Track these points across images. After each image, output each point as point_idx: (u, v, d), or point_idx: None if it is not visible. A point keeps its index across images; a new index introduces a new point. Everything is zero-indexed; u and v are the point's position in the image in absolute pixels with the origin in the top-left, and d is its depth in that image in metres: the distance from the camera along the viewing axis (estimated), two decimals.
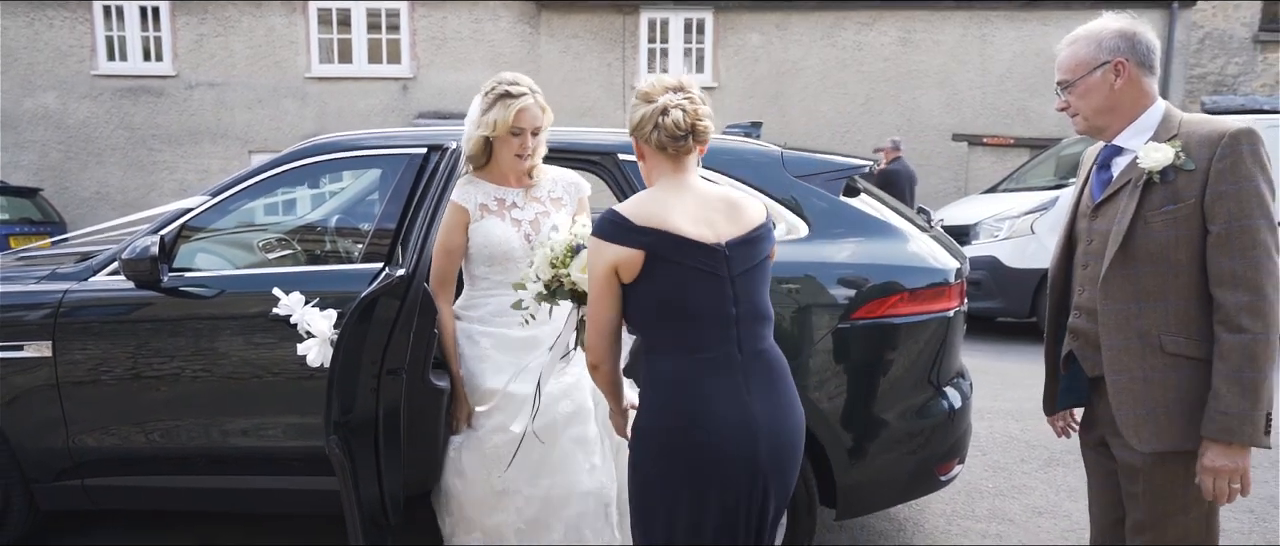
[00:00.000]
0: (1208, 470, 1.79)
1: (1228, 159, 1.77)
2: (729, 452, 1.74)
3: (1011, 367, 6.39)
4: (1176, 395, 1.83)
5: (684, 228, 1.74)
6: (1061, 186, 7.90)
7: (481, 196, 2.50)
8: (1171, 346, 1.84)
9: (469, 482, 2.45)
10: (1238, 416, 1.75)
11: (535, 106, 2.46)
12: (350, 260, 3.62)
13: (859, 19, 12.59)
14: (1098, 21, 1.96)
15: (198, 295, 2.99)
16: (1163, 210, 1.82)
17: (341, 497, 2.29)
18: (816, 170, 3.08)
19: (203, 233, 3.31)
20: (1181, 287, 1.83)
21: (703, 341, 1.75)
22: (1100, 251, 1.91)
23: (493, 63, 12.80)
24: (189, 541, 3.41)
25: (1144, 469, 1.88)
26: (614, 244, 1.73)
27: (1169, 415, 1.83)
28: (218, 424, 2.99)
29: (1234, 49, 12.95)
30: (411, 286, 2.26)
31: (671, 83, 1.81)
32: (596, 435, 2.47)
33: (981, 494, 3.88)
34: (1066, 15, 12.20)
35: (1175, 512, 1.87)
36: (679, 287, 1.73)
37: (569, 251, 2.04)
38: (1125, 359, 1.86)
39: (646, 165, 1.86)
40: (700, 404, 1.73)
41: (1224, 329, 1.78)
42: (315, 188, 4.16)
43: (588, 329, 1.85)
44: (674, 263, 1.73)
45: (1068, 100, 1.96)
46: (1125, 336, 1.86)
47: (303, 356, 2.32)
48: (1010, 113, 12.57)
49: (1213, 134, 1.81)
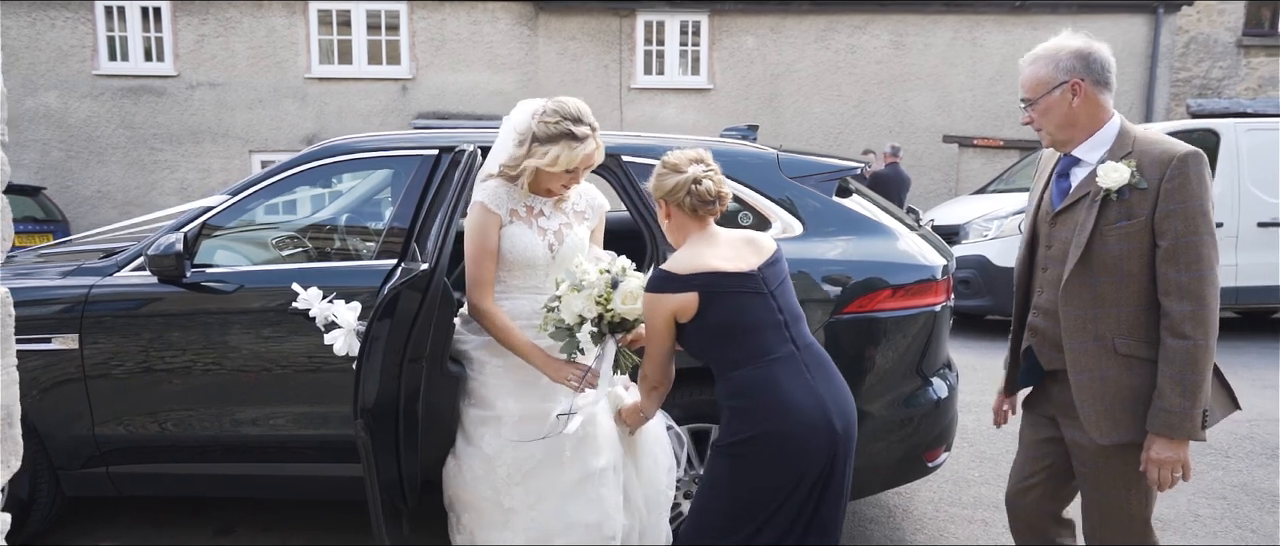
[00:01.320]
0: (1153, 461, 1.98)
1: (1176, 180, 1.92)
2: (813, 438, 2.06)
3: (993, 364, 6.49)
4: (1130, 393, 2.01)
5: (722, 265, 2.08)
6: None
7: (511, 202, 2.46)
8: (1124, 348, 2.02)
9: (477, 499, 2.44)
10: (1179, 414, 1.93)
11: (596, 150, 2.42)
12: (359, 257, 3.75)
13: (852, 22, 12.70)
14: (1056, 41, 2.07)
15: (219, 290, 3.10)
16: (1117, 225, 1.98)
17: (364, 478, 2.36)
18: (810, 172, 3.21)
19: (222, 230, 3.43)
20: (1133, 295, 2.00)
21: (768, 346, 2.08)
22: (1061, 257, 2.08)
23: (491, 64, 12.85)
24: (206, 528, 3.50)
25: (1096, 453, 2.07)
26: (670, 293, 2.08)
27: (1124, 410, 2.02)
28: (230, 413, 3.08)
29: (1218, 53, 13.08)
30: (433, 280, 2.36)
31: (693, 155, 2.16)
32: (607, 468, 2.43)
33: (969, 483, 4.00)
34: (1054, 19, 12.36)
35: (1119, 489, 2.08)
36: (734, 310, 2.08)
37: (609, 288, 2.21)
38: (1085, 359, 2.04)
39: (673, 224, 2.20)
40: (782, 400, 2.04)
41: (1170, 335, 1.95)
42: (327, 187, 4.27)
43: (648, 363, 2.20)
44: (724, 293, 2.07)
45: (1031, 116, 2.11)
46: (1084, 339, 2.04)
47: (329, 345, 2.45)
48: (1000, 115, 12.67)
49: (1164, 155, 1.96)
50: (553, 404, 2.38)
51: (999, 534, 3.51)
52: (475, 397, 2.47)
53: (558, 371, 2.34)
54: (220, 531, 3.46)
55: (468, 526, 2.48)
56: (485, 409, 2.44)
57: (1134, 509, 2.09)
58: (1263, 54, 13.00)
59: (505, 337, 2.39)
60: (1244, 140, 7.64)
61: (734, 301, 2.08)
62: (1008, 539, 3.44)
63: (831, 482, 2.12)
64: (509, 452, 2.38)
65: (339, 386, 2.93)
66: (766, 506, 2.09)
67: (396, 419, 2.43)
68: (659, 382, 2.24)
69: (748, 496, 2.09)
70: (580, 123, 2.39)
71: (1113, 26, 12.37)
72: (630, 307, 2.21)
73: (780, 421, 2.04)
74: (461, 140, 3.01)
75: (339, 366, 2.82)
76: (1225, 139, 7.66)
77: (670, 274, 2.10)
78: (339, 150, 3.37)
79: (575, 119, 2.39)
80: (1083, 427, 2.07)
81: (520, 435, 2.38)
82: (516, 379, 2.43)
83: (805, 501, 2.09)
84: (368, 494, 2.35)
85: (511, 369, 2.43)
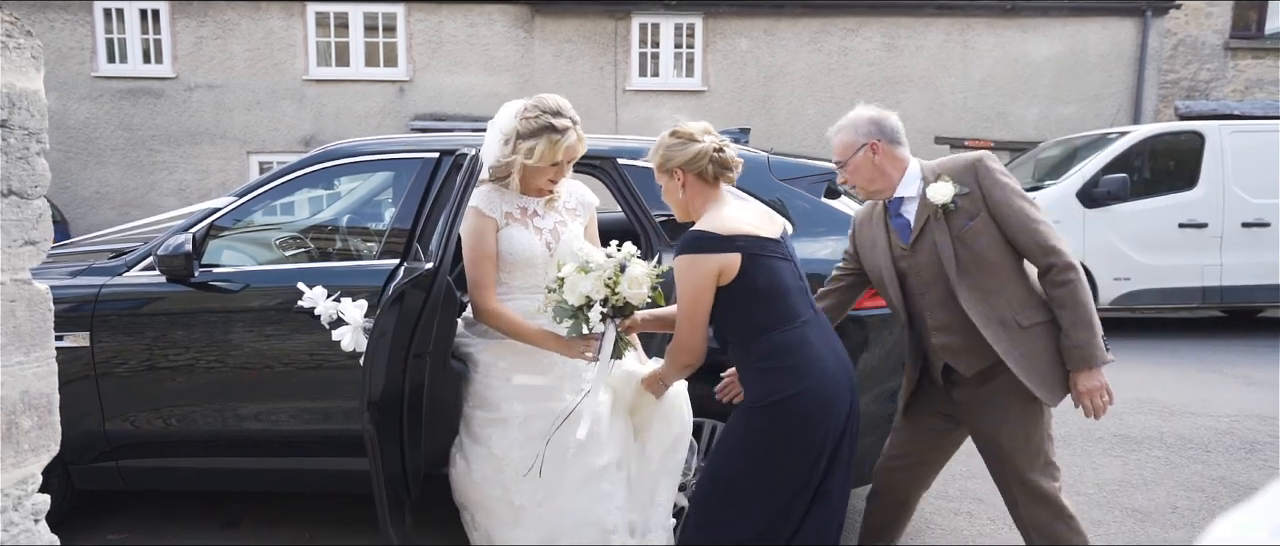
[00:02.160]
0: (1083, 393, 2.30)
1: (986, 176, 2.33)
2: (841, 394, 2.18)
3: None
4: (1053, 355, 2.33)
5: (759, 230, 2.18)
6: (1037, 188, 8.17)
7: (506, 205, 2.52)
8: (1026, 321, 2.34)
9: (488, 499, 2.48)
10: (1088, 346, 2.27)
11: (578, 142, 2.47)
12: (361, 257, 3.85)
13: (844, 25, 12.76)
14: (854, 112, 2.49)
15: (226, 289, 3.20)
16: (966, 227, 2.34)
17: (370, 470, 2.41)
18: (800, 174, 3.33)
19: (228, 231, 3.52)
20: (1006, 276, 2.35)
21: (798, 309, 2.20)
22: (936, 276, 2.38)
23: (488, 66, 12.92)
24: (213, 521, 3.58)
25: (1002, 435, 2.40)
26: (714, 253, 2.12)
27: (1053, 371, 2.34)
28: (234, 408, 3.16)
29: (1206, 56, 13.16)
30: (436, 279, 2.45)
31: (702, 126, 2.26)
32: (609, 465, 2.47)
33: (954, 477, 4.08)
34: (1045, 22, 12.48)
35: (1030, 441, 2.40)
36: (772, 276, 2.16)
37: (618, 270, 2.25)
38: (1006, 344, 2.33)
39: (688, 193, 2.25)
40: (814, 360, 2.16)
41: (1051, 287, 2.31)
42: (330, 190, 4.36)
43: (687, 331, 2.21)
44: (763, 256, 2.15)
45: (845, 176, 2.45)
46: (996, 328, 2.33)
47: (335, 342, 2.54)
48: (991, 117, 12.76)
49: (964, 164, 2.38)
50: (558, 403, 2.44)
51: (983, 525, 3.61)
52: (480, 399, 2.52)
53: (572, 349, 2.39)
54: (226, 524, 3.54)
55: (482, 525, 2.53)
56: (491, 411, 2.49)
57: (1043, 453, 2.42)
58: (1249, 56, 13.13)
59: (515, 331, 2.44)
60: (1228, 142, 7.77)
61: (771, 265, 2.17)
62: (991, 529, 3.57)
63: (843, 445, 2.21)
64: (516, 452, 2.43)
65: (341, 383, 3.03)
66: (798, 465, 2.15)
67: (401, 412, 2.50)
68: (693, 355, 2.24)
69: (782, 455, 2.15)
70: (560, 115, 2.45)
71: (1101, 29, 12.48)
72: (636, 292, 2.25)
73: (815, 379, 2.14)
74: (462, 143, 3.11)
75: (341, 363, 2.92)
76: (1210, 141, 7.79)
77: (712, 234, 2.13)
78: (342, 153, 3.47)
79: (555, 112, 2.45)
80: (990, 413, 2.41)
81: (526, 435, 2.43)
82: (521, 381, 2.48)
83: (827, 462, 2.18)
84: (373, 485, 2.41)
85: (516, 370, 2.49)
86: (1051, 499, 2.40)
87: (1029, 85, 12.71)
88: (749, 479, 2.20)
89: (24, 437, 1.36)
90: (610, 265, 2.26)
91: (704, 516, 2.27)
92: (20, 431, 1.35)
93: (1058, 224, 7.81)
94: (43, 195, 1.39)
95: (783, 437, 2.17)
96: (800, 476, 2.18)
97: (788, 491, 2.19)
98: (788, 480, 2.18)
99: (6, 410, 1.31)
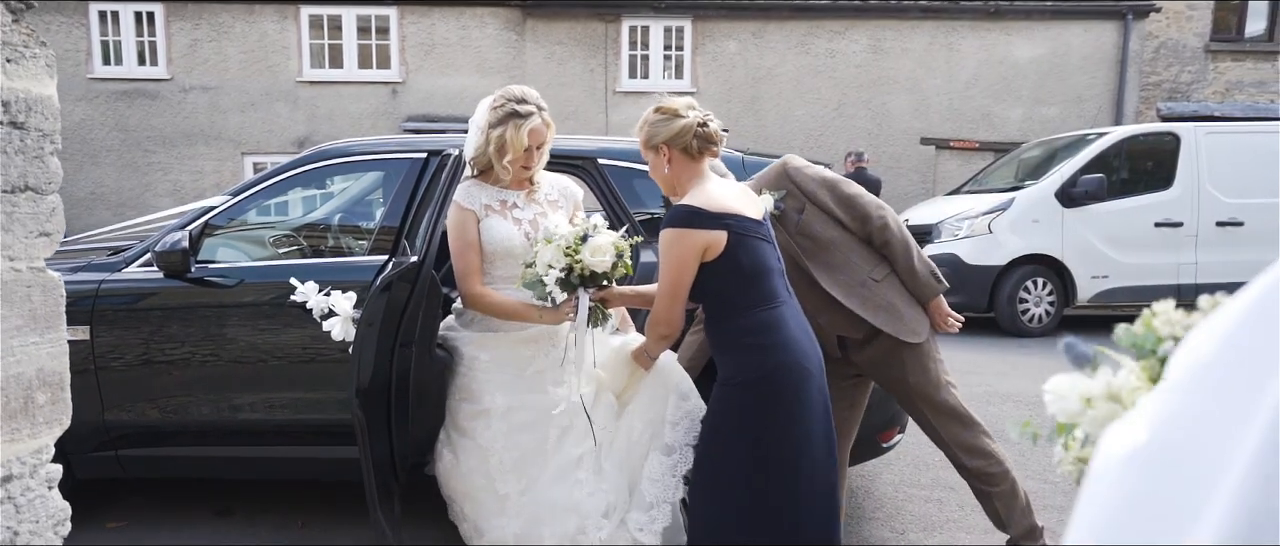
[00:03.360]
0: (939, 315, 2.78)
1: (795, 174, 2.74)
2: (806, 365, 2.27)
3: (966, 357, 6.69)
4: (904, 299, 2.74)
5: (744, 210, 2.24)
6: (1018, 188, 8.33)
7: (485, 198, 2.59)
8: (878, 275, 2.73)
9: (474, 489, 2.54)
10: (929, 275, 2.74)
11: (542, 125, 2.55)
12: (351, 254, 3.97)
13: (832, 28, 12.87)
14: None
15: (221, 285, 3.32)
16: (798, 221, 2.70)
17: (359, 456, 2.52)
18: None
19: (222, 229, 3.64)
20: (844, 245, 2.72)
21: (775, 290, 2.27)
22: (794, 269, 2.65)
23: (480, 68, 13.01)
24: (206, 508, 3.66)
25: (907, 376, 2.76)
26: (701, 229, 2.16)
27: (910, 312, 2.74)
28: (229, 399, 3.27)
29: (1187, 58, 13.32)
30: (422, 272, 2.57)
31: (685, 101, 2.31)
32: (585, 454, 2.52)
33: (927, 466, 4.21)
34: (1027, 25, 12.64)
35: (927, 372, 2.77)
36: (755, 257, 2.23)
37: (578, 240, 2.30)
38: (870, 305, 2.69)
39: (674, 169, 2.30)
40: (790, 338, 2.24)
41: (881, 246, 2.72)
42: (322, 189, 4.48)
43: (666, 303, 2.27)
44: (747, 237, 2.21)
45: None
46: (858, 293, 2.70)
47: (326, 334, 2.66)
48: (975, 118, 12.88)
49: (775, 171, 2.79)
50: (539, 395, 2.52)
51: (952, 511, 3.72)
52: (466, 392, 2.58)
53: (556, 316, 2.45)
54: (220, 513, 3.61)
55: (470, 515, 2.60)
56: (475, 403, 2.55)
57: (947, 378, 2.83)
58: (1229, 59, 13.32)
59: (500, 309, 2.52)
60: (1203, 142, 7.93)
61: (754, 245, 2.22)
62: (959, 515, 3.71)
63: (813, 407, 2.28)
64: (500, 443, 2.50)
65: (330, 375, 3.16)
66: (778, 440, 2.21)
67: (388, 399, 2.61)
68: (671, 326, 2.29)
69: (761, 430, 2.21)
70: (524, 102, 2.54)
71: (1084, 32, 12.64)
72: (599, 260, 2.29)
73: (791, 355, 2.21)
74: (448, 144, 3.24)
75: (332, 357, 3.04)
76: (1185, 141, 7.95)
77: (702, 210, 2.16)
78: (334, 153, 3.59)
79: (519, 100, 2.54)
80: (889, 363, 2.76)
81: (509, 425, 2.50)
82: (505, 374, 2.54)
83: (799, 423, 2.24)
84: (363, 471, 2.51)
85: (499, 365, 2.55)
86: (959, 410, 2.80)
87: (1013, 87, 12.85)
88: (731, 457, 2.25)
89: (39, 411, 1.49)
90: (572, 233, 2.32)
91: (694, 497, 2.34)
92: (36, 406, 1.48)
93: (1036, 223, 8.04)
94: (55, 191, 1.52)
95: (762, 413, 2.21)
96: (779, 451, 2.23)
97: (768, 467, 2.23)
98: (767, 455, 2.23)
99: (24, 386, 1.44)
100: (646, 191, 3.43)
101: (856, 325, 2.71)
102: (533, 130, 2.53)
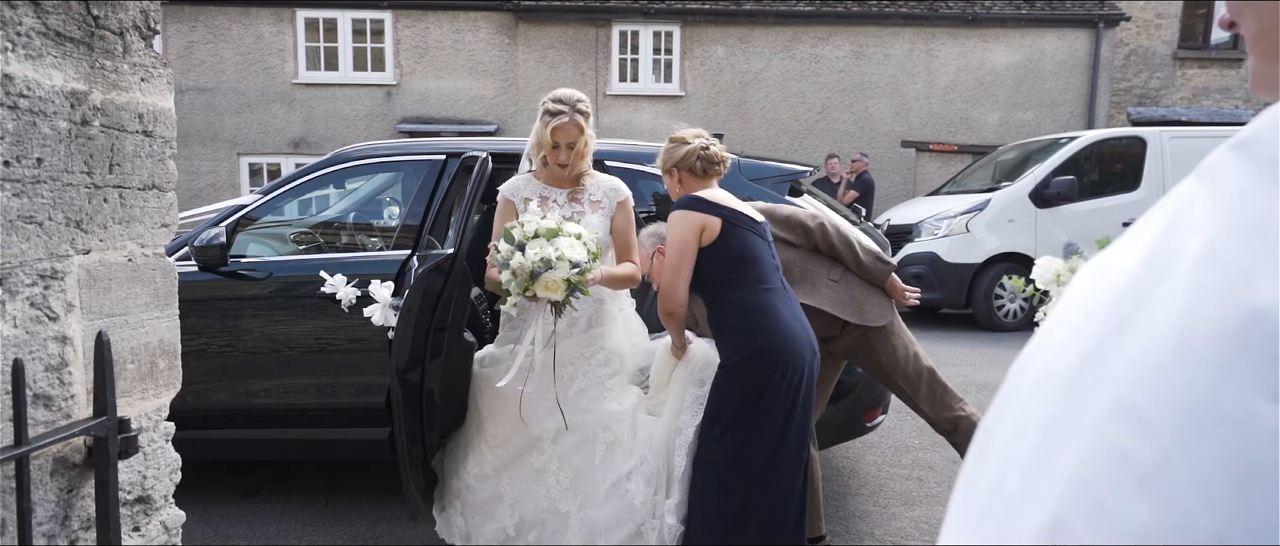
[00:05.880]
0: (898, 293, 3.04)
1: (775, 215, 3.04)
2: (799, 348, 2.50)
3: (945, 350, 7.01)
4: (863, 289, 3.00)
5: (742, 208, 2.56)
6: (995, 189, 8.67)
7: (528, 191, 2.72)
8: (835, 276, 2.96)
9: (540, 512, 2.66)
10: (876, 260, 2.98)
11: (570, 125, 2.63)
12: (375, 249, 4.22)
13: (816, 34, 13.10)
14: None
15: (253, 277, 3.56)
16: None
17: (396, 431, 2.76)
18: (767, 174, 3.69)
19: (251, 225, 3.89)
20: (803, 260, 2.96)
21: (766, 278, 2.54)
22: None
23: (473, 71, 13.19)
24: (235, 489, 3.89)
25: (879, 357, 3.01)
26: (700, 213, 2.48)
27: (871, 299, 3.01)
28: (243, 385, 3.48)
29: (1156, 64, 13.67)
30: (455, 263, 2.82)
31: (693, 131, 2.62)
32: (634, 468, 2.63)
33: (908, 448, 4.49)
34: (1003, 33, 12.97)
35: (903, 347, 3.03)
36: (746, 244, 2.52)
37: (528, 276, 2.34)
38: (839, 304, 2.93)
39: (683, 187, 2.62)
40: (776, 321, 2.50)
41: (827, 243, 2.97)
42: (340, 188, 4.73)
43: (670, 277, 2.49)
44: (741, 228, 2.52)
45: None
46: (827, 297, 2.91)
47: (367, 317, 2.92)
48: (954, 121, 13.15)
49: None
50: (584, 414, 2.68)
51: (932, 487, 3.97)
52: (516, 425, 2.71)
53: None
54: (247, 493, 3.83)
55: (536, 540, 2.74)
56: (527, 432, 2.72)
57: (914, 350, 3.08)
58: (1196, 66, 13.72)
59: None
60: (1168, 146, 8.28)
61: (745, 237, 2.51)
62: (939, 491, 4.00)
63: (801, 393, 2.53)
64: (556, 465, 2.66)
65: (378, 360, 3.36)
66: (764, 417, 2.45)
67: (421, 378, 2.86)
68: (672, 303, 2.50)
69: (751, 407, 2.45)
70: (559, 103, 2.64)
71: (1057, 40, 12.98)
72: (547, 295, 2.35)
73: (779, 336, 2.47)
74: (469, 147, 3.51)
75: (352, 346, 3.27)
76: (1151, 146, 8.31)
77: (701, 198, 2.50)
78: (359, 155, 3.86)
79: (556, 99, 2.65)
80: (866, 349, 3.02)
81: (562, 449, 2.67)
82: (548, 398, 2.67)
83: (789, 406, 2.50)
84: (398, 445, 2.73)
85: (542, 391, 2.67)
86: (930, 378, 3.07)
87: (990, 92, 13.14)
88: (729, 435, 2.47)
89: (160, 375, 1.76)
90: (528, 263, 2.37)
91: (692, 475, 2.57)
92: (158, 370, 1.75)
93: (1012, 223, 8.34)
94: (173, 189, 1.80)
95: (751, 390, 2.45)
96: (764, 428, 2.45)
97: (753, 444, 2.46)
98: (753, 431, 2.45)
99: (150, 353, 1.71)
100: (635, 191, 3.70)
101: (831, 324, 2.94)
102: (556, 128, 2.63)
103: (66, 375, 1.44)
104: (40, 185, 1.38)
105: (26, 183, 1.35)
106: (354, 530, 3.44)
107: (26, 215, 1.35)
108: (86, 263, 1.49)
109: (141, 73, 1.69)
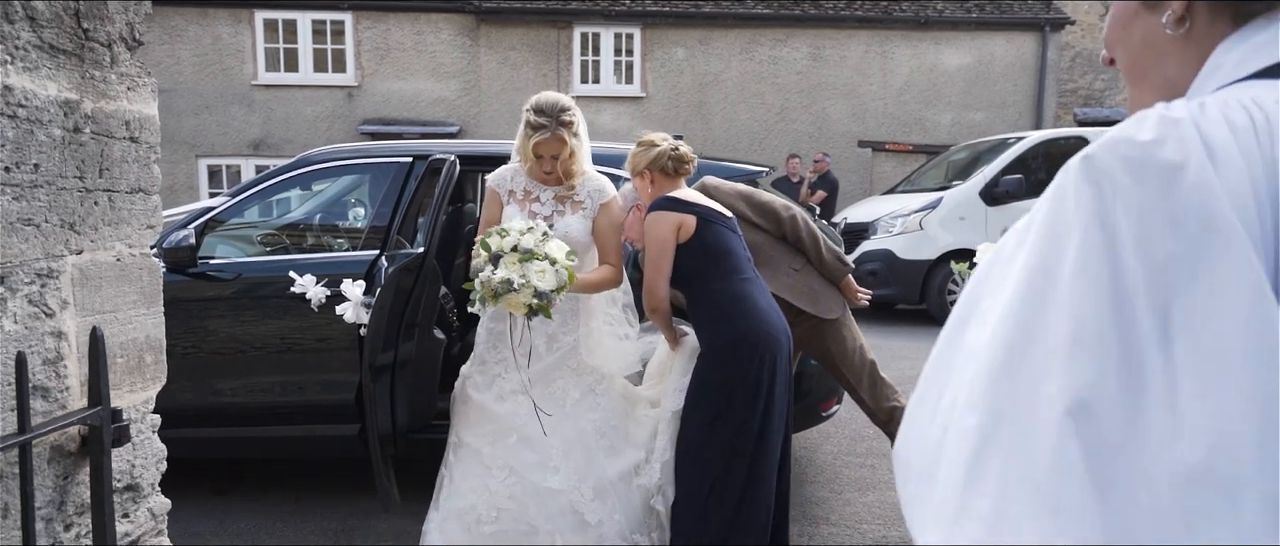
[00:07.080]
0: (851, 291, 3.26)
1: (715, 191, 3.10)
2: (775, 334, 2.62)
3: (899, 344, 7.18)
4: (820, 283, 3.22)
5: (713, 205, 2.71)
6: (947, 188, 8.94)
7: (513, 184, 2.71)
8: (796, 266, 3.17)
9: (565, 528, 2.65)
10: (836, 259, 3.19)
11: (552, 139, 2.58)
12: (334, 250, 4.29)
13: (774, 36, 13.32)
14: None
15: (221, 278, 3.61)
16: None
17: (367, 427, 2.82)
18: (726, 175, 3.84)
19: (219, 227, 3.93)
20: (770, 246, 3.15)
21: (741, 269, 2.68)
22: None
23: (435, 72, 13.18)
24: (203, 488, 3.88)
25: (829, 346, 3.25)
26: (676, 212, 2.61)
27: (826, 294, 3.23)
28: (212, 384, 3.53)
29: (1100, 67, 14.12)
30: (425, 262, 2.91)
31: (662, 135, 2.74)
32: (640, 460, 2.71)
33: (863, 438, 4.63)
34: (954, 36, 13.30)
35: (852, 337, 3.28)
36: (721, 239, 2.66)
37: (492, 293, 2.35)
38: (797, 293, 3.13)
39: (655, 188, 2.72)
40: (753, 308, 2.63)
41: (795, 235, 3.17)
42: (307, 190, 4.78)
43: (650, 275, 2.60)
44: (714, 224, 2.66)
45: None
46: (786, 284, 3.11)
47: (340, 315, 3.00)
48: (909, 122, 13.44)
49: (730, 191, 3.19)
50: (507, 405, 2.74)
51: (884, 474, 4.11)
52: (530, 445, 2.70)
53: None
54: (217, 493, 3.84)
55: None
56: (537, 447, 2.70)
57: (860, 343, 3.32)
58: None
59: None
60: None
61: (721, 232, 2.64)
62: (890, 477, 4.17)
63: (779, 376, 2.62)
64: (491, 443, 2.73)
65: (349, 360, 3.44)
66: (743, 403, 2.54)
67: (392, 375, 2.93)
68: (655, 299, 2.61)
69: (730, 394, 2.54)
70: (541, 114, 2.59)
71: (1006, 42, 13.33)
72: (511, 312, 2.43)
73: (755, 323, 2.59)
74: (435, 150, 3.60)
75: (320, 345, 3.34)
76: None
77: (675, 198, 2.64)
78: (326, 157, 3.93)
79: (537, 109, 2.61)
80: (817, 339, 3.22)
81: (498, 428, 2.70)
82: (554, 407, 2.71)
83: (768, 390, 2.58)
84: (370, 441, 2.79)
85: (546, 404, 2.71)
86: (872, 373, 3.30)
87: (942, 93, 13.46)
88: (709, 423, 2.56)
89: (147, 369, 1.84)
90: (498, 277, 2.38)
91: (677, 460, 2.67)
92: (145, 364, 1.83)
93: (963, 220, 8.62)
94: (157, 192, 1.88)
95: (729, 377, 2.55)
96: (742, 415, 2.54)
97: (733, 430, 2.54)
98: (732, 418, 2.54)
99: (138, 348, 1.80)
100: None
101: (788, 311, 3.01)
102: (538, 142, 2.60)
103: (62, 368, 1.52)
104: (37, 189, 1.46)
105: (25, 187, 1.43)
106: (325, 526, 3.49)
107: (25, 218, 1.44)
108: (79, 262, 1.57)
109: (128, 82, 1.77)
